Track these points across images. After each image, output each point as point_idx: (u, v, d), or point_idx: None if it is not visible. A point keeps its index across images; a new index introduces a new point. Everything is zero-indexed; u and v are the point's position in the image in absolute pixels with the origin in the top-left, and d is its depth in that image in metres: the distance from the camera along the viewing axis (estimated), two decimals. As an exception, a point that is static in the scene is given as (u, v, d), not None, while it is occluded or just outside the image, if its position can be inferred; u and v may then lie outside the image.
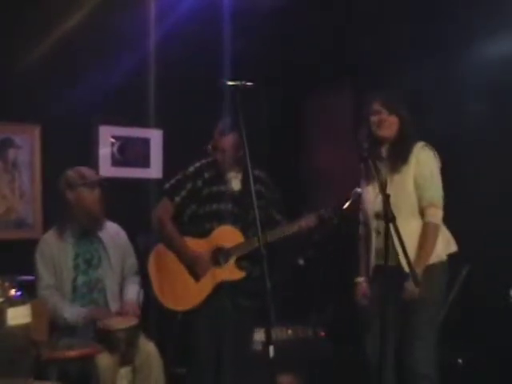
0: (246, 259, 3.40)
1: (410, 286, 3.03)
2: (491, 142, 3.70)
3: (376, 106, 3.26)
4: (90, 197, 3.47)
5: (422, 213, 3.19)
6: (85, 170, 3.54)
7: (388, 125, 3.24)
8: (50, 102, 4.14)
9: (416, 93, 3.85)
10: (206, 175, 3.48)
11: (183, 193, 3.46)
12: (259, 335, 3.69)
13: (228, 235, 3.41)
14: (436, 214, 3.16)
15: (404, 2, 4.14)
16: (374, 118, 3.25)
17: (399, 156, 3.22)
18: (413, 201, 3.19)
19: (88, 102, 4.19)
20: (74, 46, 4.16)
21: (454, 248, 3.26)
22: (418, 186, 3.18)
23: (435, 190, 3.18)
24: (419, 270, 3.04)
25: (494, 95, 3.70)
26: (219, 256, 3.40)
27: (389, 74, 4.15)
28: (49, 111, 4.15)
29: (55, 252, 3.43)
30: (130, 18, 4.33)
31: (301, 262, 4.33)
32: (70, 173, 3.51)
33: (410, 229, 3.11)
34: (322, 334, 4.21)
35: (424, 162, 3.19)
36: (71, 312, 3.34)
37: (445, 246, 3.21)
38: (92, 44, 4.21)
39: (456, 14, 3.83)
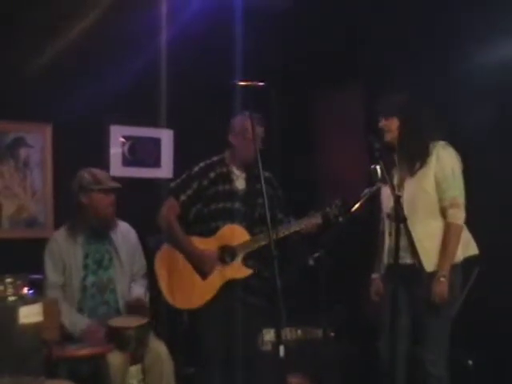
0: (253, 257, 3.41)
1: (437, 287, 3.05)
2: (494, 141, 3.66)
3: (376, 113, 3.26)
4: (104, 201, 3.40)
5: (443, 213, 3.15)
6: (101, 175, 3.44)
7: (387, 129, 3.23)
8: (61, 101, 4.16)
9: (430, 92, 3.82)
10: (212, 175, 3.49)
11: (189, 192, 3.46)
12: (269, 335, 3.69)
13: (234, 233, 3.42)
14: (458, 215, 3.12)
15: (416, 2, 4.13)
16: (379, 125, 3.26)
17: (415, 157, 3.19)
18: (432, 201, 3.15)
19: (99, 102, 4.19)
20: (86, 46, 4.18)
21: (473, 251, 3.22)
22: (438, 186, 3.15)
23: (457, 190, 3.14)
24: (444, 271, 3.05)
25: (495, 96, 3.67)
26: (225, 254, 3.41)
27: (401, 74, 4.12)
28: (60, 111, 4.16)
29: (64, 251, 3.40)
30: (142, 19, 4.33)
31: (311, 262, 4.32)
32: (85, 175, 3.41)
33: (429, 230, 3.11)
34: (332, 334, 4.20)
35: (445, 160, 3.15)
36: (71, 320, 3.28)
37: (462, 248, 3.17)
38: (103, 44, 4.23)
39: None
